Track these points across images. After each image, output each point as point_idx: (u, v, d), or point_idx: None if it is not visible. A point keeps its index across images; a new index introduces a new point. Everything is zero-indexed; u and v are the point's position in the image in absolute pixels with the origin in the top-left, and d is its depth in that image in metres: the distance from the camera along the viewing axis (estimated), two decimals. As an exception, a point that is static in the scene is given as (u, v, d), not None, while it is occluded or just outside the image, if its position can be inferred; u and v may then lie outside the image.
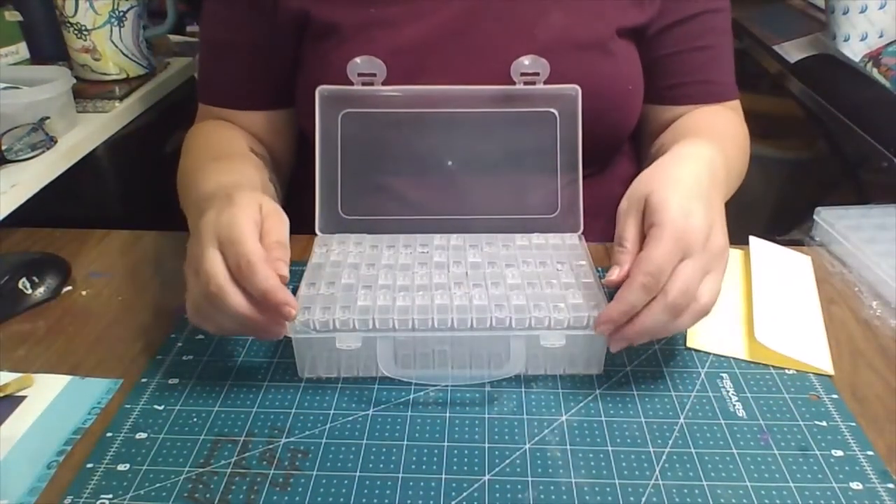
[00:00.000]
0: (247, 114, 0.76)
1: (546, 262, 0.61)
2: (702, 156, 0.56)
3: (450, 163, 0.66)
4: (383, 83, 0.65)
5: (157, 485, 0.46)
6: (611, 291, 0.52)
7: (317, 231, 0.66)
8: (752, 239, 0.71)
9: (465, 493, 0.46)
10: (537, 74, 0.65)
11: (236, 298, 0.48)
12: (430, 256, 0.62)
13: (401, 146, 0.67)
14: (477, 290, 0.56)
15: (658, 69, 0.74)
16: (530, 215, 0.67)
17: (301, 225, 0.68)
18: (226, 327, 0.51)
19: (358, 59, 0.64)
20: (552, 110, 0.65)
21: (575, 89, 0.65)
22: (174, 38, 1.24)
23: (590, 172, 0.71)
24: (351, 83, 0.65)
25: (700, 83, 0.74)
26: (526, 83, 0.65)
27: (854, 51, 1.35)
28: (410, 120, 0.66)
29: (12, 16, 1.02)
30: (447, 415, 0.52)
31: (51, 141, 0.83)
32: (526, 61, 0.64)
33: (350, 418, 0.52)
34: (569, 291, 0.57)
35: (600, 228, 0.68)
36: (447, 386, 0.55)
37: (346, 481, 0.47)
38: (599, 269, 0.66)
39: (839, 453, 0.49)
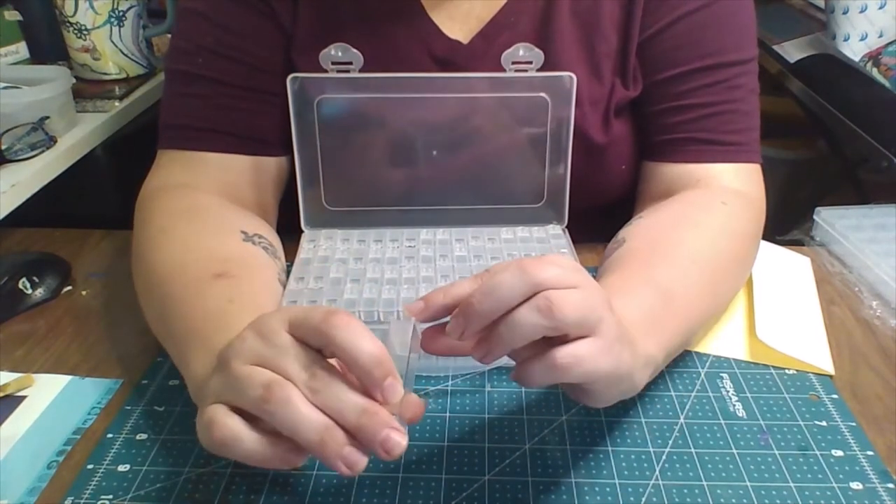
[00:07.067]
0: (235, 159, 0.65)
1: (531, 255, 0.62)
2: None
3: (434, 152, 0.65)
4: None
5: (158, 485, 0.46)
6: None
7: (303, 227, 0.66)
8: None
9: (465, 493, 0.46)
10: (530, 63, 0.62)
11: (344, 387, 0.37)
12: (416, 251, 0.63)
13: (382, 134, 0.65)
14: None
15: (653, 123, 0.67)
16: (515, 205, 0.67)
17: (286, 225, 0.68)
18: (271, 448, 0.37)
19: (332, 49, 0.62)
20: (544, 95, 0.63)
21: (570, 76, 0.62)
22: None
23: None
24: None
25: (697, 141, 0.65)
26: (517, 72, 0.63)
27: (854, 51, 1.36)
28: (391, 107, 0.64)
29: (12, 15, 1.02)
30: (447, 415, 0.52)
31: (51, 140, 0.83)
32: (520, 51, 0.62)
33: (350, 418, 0.52)
34: None
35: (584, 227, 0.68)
36: (448, 378, 0.55)
37: (346, 481, 0.47)
38: (591, 269, 0.66)
39: (839, 453, 0.49)
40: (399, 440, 0.36)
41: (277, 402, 0.36)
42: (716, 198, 0.62)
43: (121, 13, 0.99)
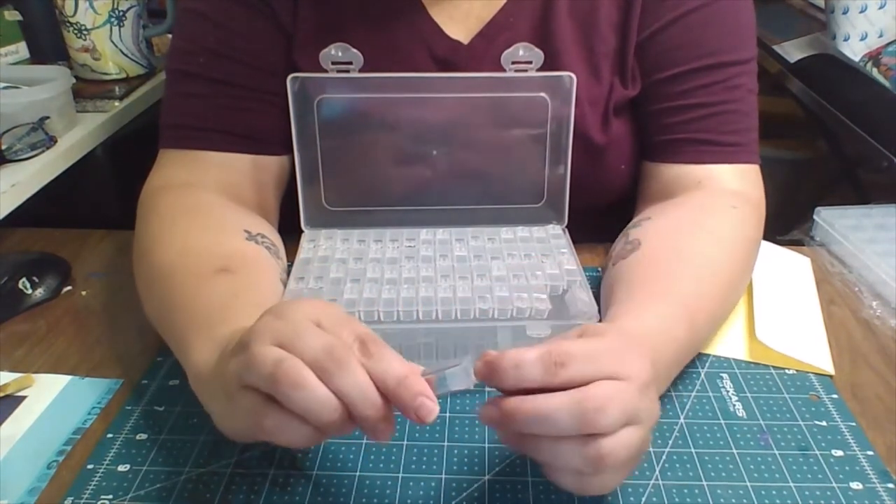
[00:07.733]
0: (236, 158, 0.65)
1: (531, 255, 0.62)
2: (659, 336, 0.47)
3: (434, 152, 0.65)
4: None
5: (158, 485, 0.46)
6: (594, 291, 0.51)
7: (303, 227, 0.66)
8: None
9: (465, 493, 0.46)
10: (530, 63, 0.62)
11: (361, 372, 0.37)
12: (416, 250, 0.63)
13: (382, 134, 0.65)
14: (462, 283, 0.57)
15: (653, 123, 0.67)
16: (515, 205, 0.67)
17: (286, 225, 0.68)
18: (301, 431, 0.38)
19: (332, 49, 0.62)
20: (544, 95, 0.63)
21: (569, 76, 0.62)
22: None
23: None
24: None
25: (696, 141, 0.65)
26: (517, 72, 0.63)
27: (854, 51, 1.36)
28: (391, 106, 0.64)
29: (12, 15, 1.02)
30: (447, 415, 0.52)
31: (51, 140, 0.83)
32: (520, 51, 0.62)
33: (350, 418, 0.52)
34: (552, 282, 0.57)
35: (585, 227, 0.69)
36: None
37: (346, 481, 0.47)
38: (598, 269, 0.66)
39: (839, 453, 0.49)
40: (388, 439, 0.39)
41: (285, 382, 0.36)
42: (726, 202, 0.62)
43: (121, 13, 0.99)
